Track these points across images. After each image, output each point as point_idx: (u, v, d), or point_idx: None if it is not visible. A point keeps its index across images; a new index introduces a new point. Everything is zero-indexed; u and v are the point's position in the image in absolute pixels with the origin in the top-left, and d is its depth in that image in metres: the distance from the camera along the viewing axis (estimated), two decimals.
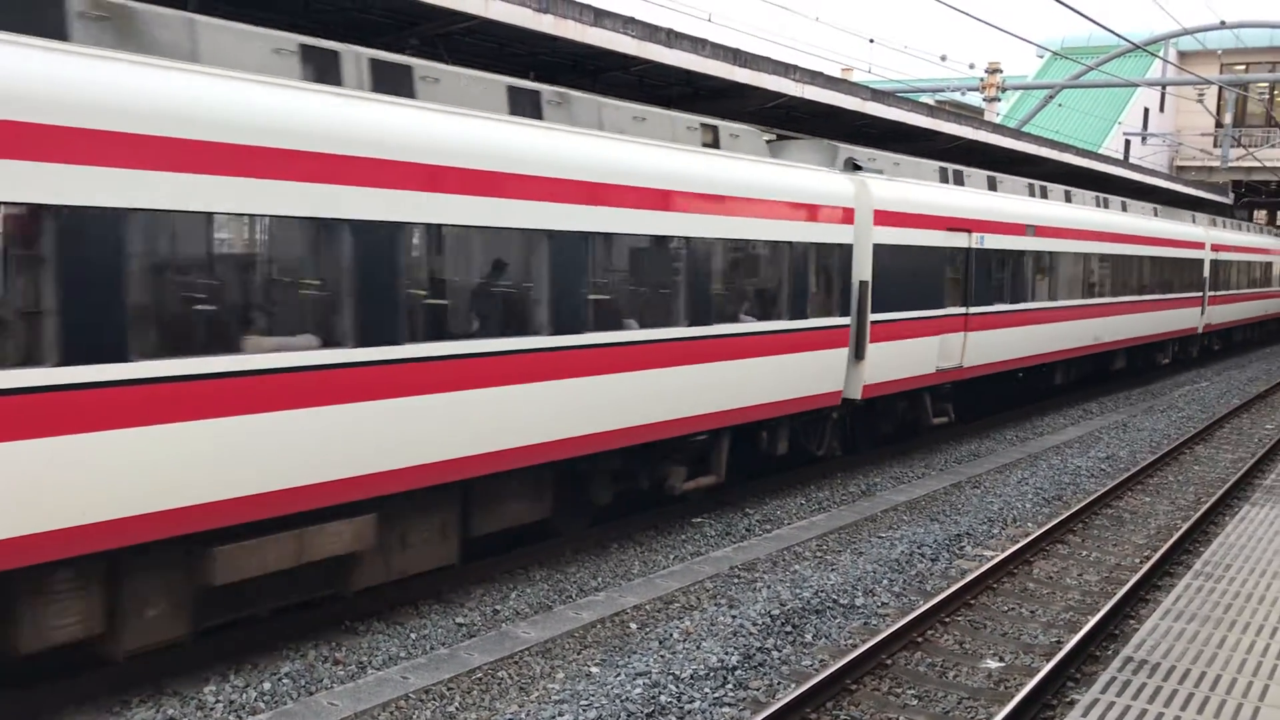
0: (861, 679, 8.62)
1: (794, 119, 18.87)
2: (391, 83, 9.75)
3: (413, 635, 9.14)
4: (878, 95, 20.15)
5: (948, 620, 10.08)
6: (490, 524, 10.29)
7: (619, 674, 8.29)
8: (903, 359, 16.06)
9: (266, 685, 7.99)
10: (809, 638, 9.38)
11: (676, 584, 10.53)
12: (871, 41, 25.37)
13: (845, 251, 14.82)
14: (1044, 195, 21.92)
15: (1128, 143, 44.29)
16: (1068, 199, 23.37)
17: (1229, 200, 44.04)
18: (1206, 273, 31.00)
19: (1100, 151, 37.07)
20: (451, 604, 9.94)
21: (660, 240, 11.74)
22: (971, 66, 31.14)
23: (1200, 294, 30.52)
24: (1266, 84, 40.65)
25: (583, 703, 7.74)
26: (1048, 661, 8.83)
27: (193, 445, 7.43)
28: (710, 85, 16.53)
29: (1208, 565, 8.51)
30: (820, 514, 13.60)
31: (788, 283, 13.68)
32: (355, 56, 9.53)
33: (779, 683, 8.45)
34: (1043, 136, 28.38)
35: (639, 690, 7.96)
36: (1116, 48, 33.72)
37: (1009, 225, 19.14)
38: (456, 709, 7.78)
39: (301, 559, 8.32)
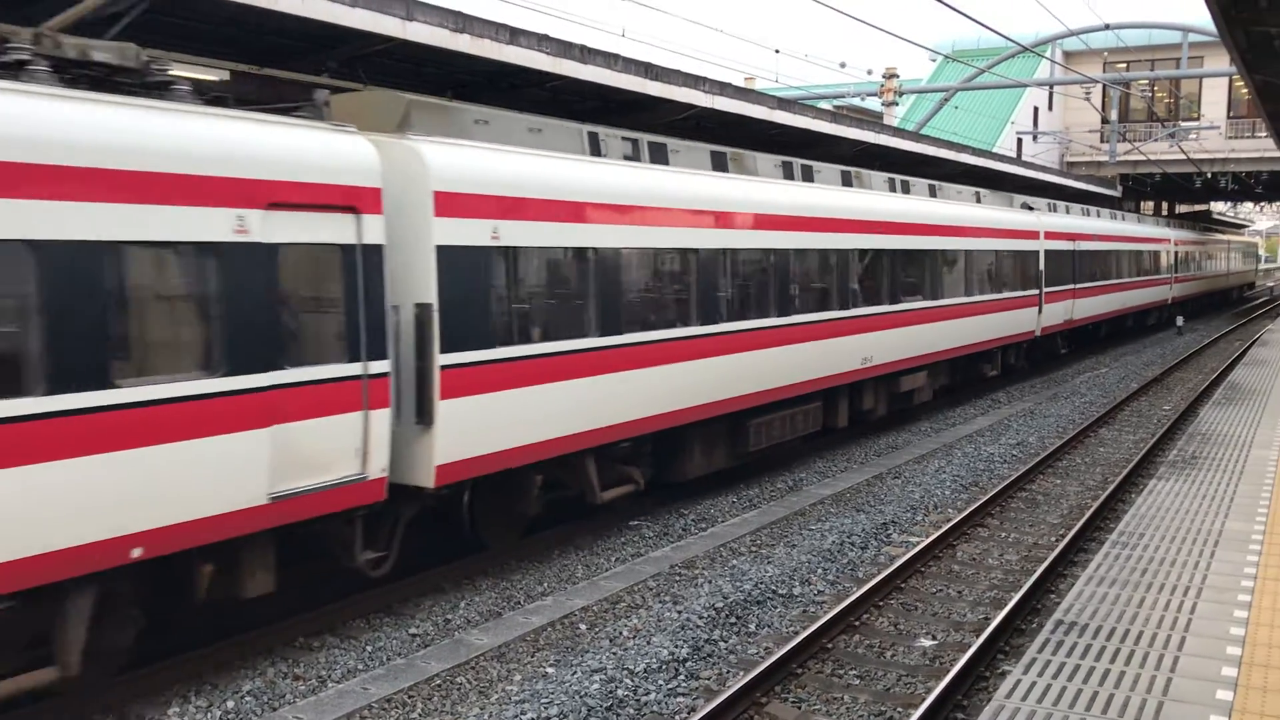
0: (806, 663, 9.02)
1: (704, 128, 19.32)
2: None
3: (368, 648, 9.30)
4: (784, 104, 20.72)
5: (881, 604, 10.54)
6: (940, 384, 22.16)
7: (575, 672, 8.57)
8: (1054, 313, 28.22)
9: (230, 704, 8.10)
10: (753, 627, 9.76)
11: (620, 584, 10.83)
12: (778, 52, 26.00)
13: (1035, 255, 26.55)
14: (1087, 214, 33.40)
15: (1020, 141, 45.78)
16: (1099, 215, 34.87)
17: (1118, 194, 45.75)
18: (1172, 260, 44.07)
19: (995, 150, 38.31)
20: (402, 616, 10.11)
21: (988, 251, 23.55)
22: (869, 72, 32.02)
23: (1169, 276, 43.46)
24: (1147, 81, 42.40)
25: (543, 701, 8.00)
26: (978, 637, 9.32)
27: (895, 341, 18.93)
28: (623, 99, 16.89)
29: (1123, 535, 9.09)
30: (751, 510, 14.02)
31: (1017, 272, 25.26)
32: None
33: (728, 671, 8.80)
34: (941, 138, 29.29)
35: (596, 686, 8.25)
36: (1005, 50, 34.90)
37: (1088, 235, 31.23)
38: (419, 715, 7.98)
39: (915, 387, 20.25)
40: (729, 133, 20.10)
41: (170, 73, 8.39)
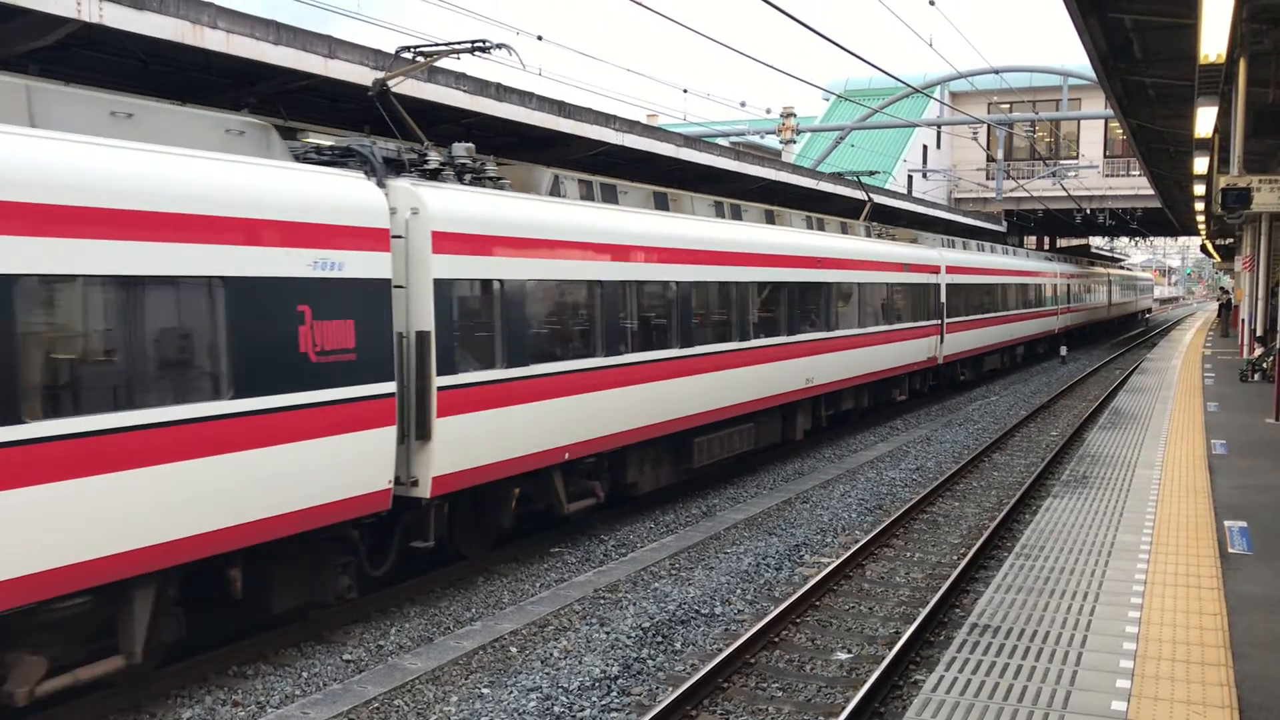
0: (731, 678, 9.41)
1: (613, 165, 19.82)
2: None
3: (304, 674, 9.42)
4: (690, 142, 21.34)
5: (798, 621, 11.00)
6: (1023, 354, 41.54)
7: (511, 692, 8.82)
8: (1065, 319, 47.21)
9: None
10: (678, 645, 10.13)
11: (547, 609, 11.10)
12: (685, 91, 26.67)
13: (1056, 284, 44.11)
14: (1066, 261, 48.80)
15: (910, 177, 47.41)
16: (1080, 262, 52.39)
17: (1003, 228, 47.59)
18: (1109, 288, 60.54)
19: (888, 186, 39.69)
20: (334, 643, 10.24)
21: (1047, 284, 43.13)
22: (768, 111, 32.96)
23: (1109, 301, 60.94)
24: (1029, 122, 44.41)
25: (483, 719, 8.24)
26: (890, 649, 9.82)
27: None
28: (536, 135, 17.29)
29: (1026, 547, 9.72)
30: (669, 535, 14.41)
31: (1052, 294, 43.87)
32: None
33: (658, 687, 9.14)
34: (838, 174, 30.29)
35: (533, 704, 8.51)
36: (896, 90, 36.22)
37: (1075, 275, 48.53)
38: None
39: (1018, 350, 40.03)
40: (636, 170, 20.63)
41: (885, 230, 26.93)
